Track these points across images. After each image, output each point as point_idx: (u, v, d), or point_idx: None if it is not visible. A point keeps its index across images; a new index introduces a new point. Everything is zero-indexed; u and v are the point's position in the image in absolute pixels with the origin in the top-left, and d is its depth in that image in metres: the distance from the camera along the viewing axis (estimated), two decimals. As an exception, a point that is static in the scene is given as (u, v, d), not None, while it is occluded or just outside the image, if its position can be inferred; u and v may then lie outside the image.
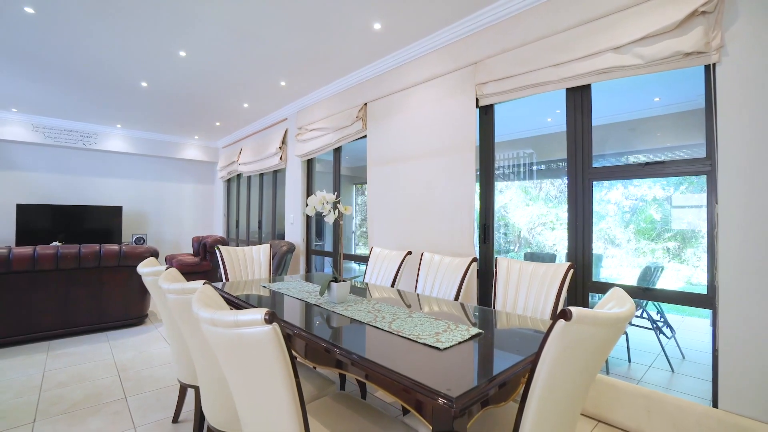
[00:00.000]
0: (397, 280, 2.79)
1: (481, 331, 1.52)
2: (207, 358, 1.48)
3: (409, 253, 2.85)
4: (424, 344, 1.37)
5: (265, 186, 6.31)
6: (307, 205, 2.13)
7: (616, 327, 1.05)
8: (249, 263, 3.14)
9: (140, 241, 6.85)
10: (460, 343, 1.38)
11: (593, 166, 2.49)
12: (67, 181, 6.61)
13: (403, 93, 3.63)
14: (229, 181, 7.66)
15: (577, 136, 2.56)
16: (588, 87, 2.52)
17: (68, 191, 6.61)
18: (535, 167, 6.99)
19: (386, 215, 3.75)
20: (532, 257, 6.09)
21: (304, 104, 5.01)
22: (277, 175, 5.94)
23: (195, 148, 7.74)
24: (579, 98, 2.55)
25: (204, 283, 1.32)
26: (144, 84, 4.62)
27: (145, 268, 1.90)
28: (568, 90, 2.57)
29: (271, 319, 0.95)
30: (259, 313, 0.94)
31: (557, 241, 7.00)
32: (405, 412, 2.08)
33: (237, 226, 7.24)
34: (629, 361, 3.37)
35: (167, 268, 1.74)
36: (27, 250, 3.49)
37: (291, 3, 2.85)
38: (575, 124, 2.57)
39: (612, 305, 1.17)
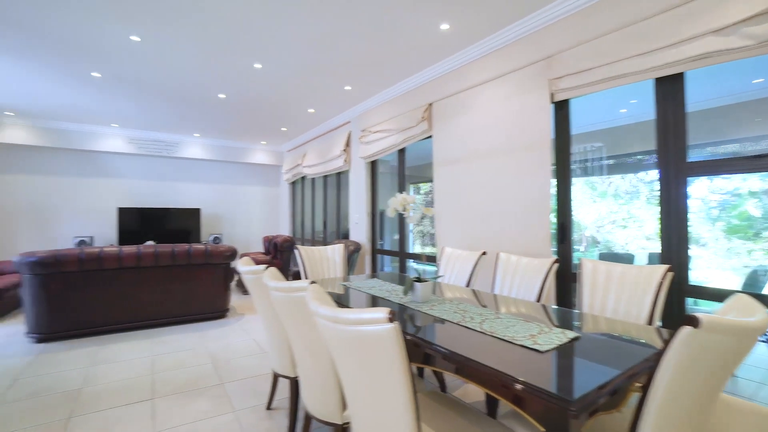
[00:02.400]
0: (471, 281, 2.79)
1: (578, 335, 1.49)
2: (310, 352, 1.61)
3: (484, 253, 2.84)
4: (522, 346, 1.37)
5: (329, 187, 6.56)
6: (387, 206, 2.21)
7: (749, 337, 0.99)
8: (325, 262, 3.31)
9: (217, 240, 7.44)
10: (559, 346, 1.37)
11: (688, 160, 2.32)
12: (154, 186, 7.35)
13: (470, 92, 3.61)
14: (293, 183, 8.06)
15: (668, 129, 2.39)
16: (680, 75, 2.34)
17: (156, 195, 7.34)
18: (604, 162, 6.59)
19: (454, 215, 3.75)
20: (609, 258, 5.76)
21: (367, 107, 5.14)
22: (340, 176, 6.16)
23: (262, 152, 8.23)
24: (669, 88, 2.38)
25: (311, 283, 1.44)
26: (222, 96, 5.01)
27: (244, 267, 2.09)
28: (657, 80, 2.42)
29: (393, 318, 1.02)
30: (381, 313, 1.02)
31: (630, 239, 6.54)
32: (489, 412, 2.09)
33: (302, 226, 7.60)
34: (736, 376, 3.08)
35: (266, 268, 1.90)
36: (132, 248, 3.95)
37: (364, 13, 2.95)
38: (665, 115, 2.41)
39: (737, 313, 1.11)
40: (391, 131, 4.55)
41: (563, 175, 2.93)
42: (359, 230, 5.34)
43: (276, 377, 2.39)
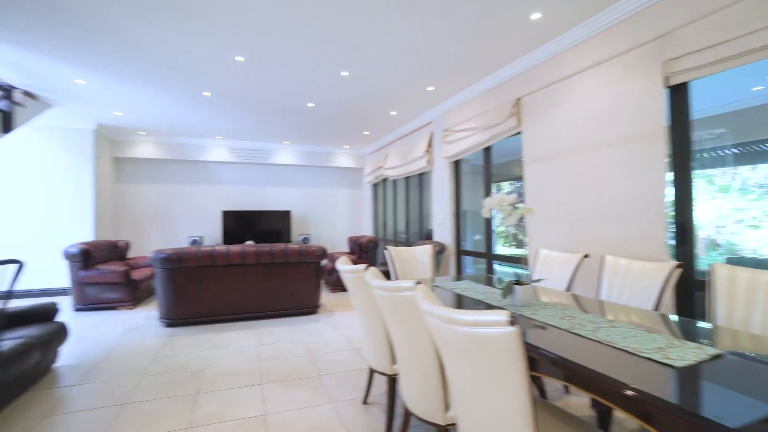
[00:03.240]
0: (571, 285, 2.60)
1: (720, 351, 1.30)
2: (414, 351, 1.63)
3: (586, 255, 2.63)
4: (649, 359, 1.24)
5: (410, 188, 6.62)
6: (483, 206, 2.16)
7: None
8: (413, 262, 3.34)
9: (306, 240, 7.95)
10: (698, 363, 1.21)
11: None
12: (251, 191, 8.10)
13: (565, 82, 3.37)
14: (375, 185, 8.28)
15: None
16: None
17: (252, 199, 8.09)
18: (727, 150, 5.70)
19: (547, 215, 3.54)
20: (741, 263, 4.99)
21: (449, 106, 5.09)
22: (422, 177, 6.18)
23: (345, 156, 8.60)
24: (832, 60, 1.97)
25: (417, 283, 1.46)
26: (310, 105, 5.34)
27: (344, 266, 2.20)
28: (812, 52, 2.02)
29: (514, 321, 0.99)
30: (501, 315, 1.00)
31: (763, 242, 5.58)
32: (601, 425, 1.93)
33: (384, 227, 7.78)
34: None
35: (367, 267, 1.98)
36: (238, 247, 4.39)
37: (451, 14, 2.93)
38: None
39: None
40: (476, 129, 4.44)
41: (682, 168, 2.59)
42: (443, 231, 5.30)
43: (372, 373, 2.47)
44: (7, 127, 4.47)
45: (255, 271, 4.45)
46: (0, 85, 4.36)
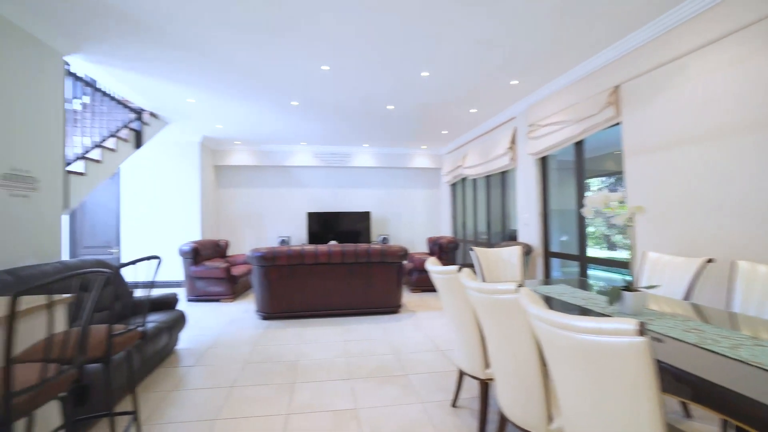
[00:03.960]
0: (690, 293, 2.29)
1: None
2: (513, 356, 1.56)
3: (710, 260, 2.29)
4: (817, 385, 1.03)
5: (492, 187, 6.40)
6: (583, 205, 1.99)
7: None
8: (500, 264, 3.22)
9: (385, 240, 8.11)
10: None
11: None
12: (332, 193, 8.49)
13: (674, 64, 2.98)
14: (454, 185, 8.16)
15: None
16: None
17: (333, 201, 8.47)
18: None
19: (657, 214, 3.15)
20: None
21: (535, 99, 4.81)
22: (505, 175, 5.93)
23: (422, 157, 8.61)
24: None
25: (519, 286, 1.40)
26: (390, 107, 5.43)
27: (434, 267, 2.19)
28: None
29: (643, 331, 0.89)
30: (628, 324, 0.91)
31: None
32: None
33: (464, 227, 7.62)
34: None
35: (460, 269, 1.95)
36: (324, 247, 4.62)
37: (536, 3, 2.76)
38: None
39: None
40: (566, 122, 4.13)
41: (843, 155, 2.13)
42: (529, 231, 5.02)
43: (462, 375, 2.43)
44: (138, 143, 5.25)
45: (340, 270, 4.65)
46: (133, 108, 5.14)
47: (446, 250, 6.00)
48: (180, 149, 6.96)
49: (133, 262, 1.67)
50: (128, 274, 3.07)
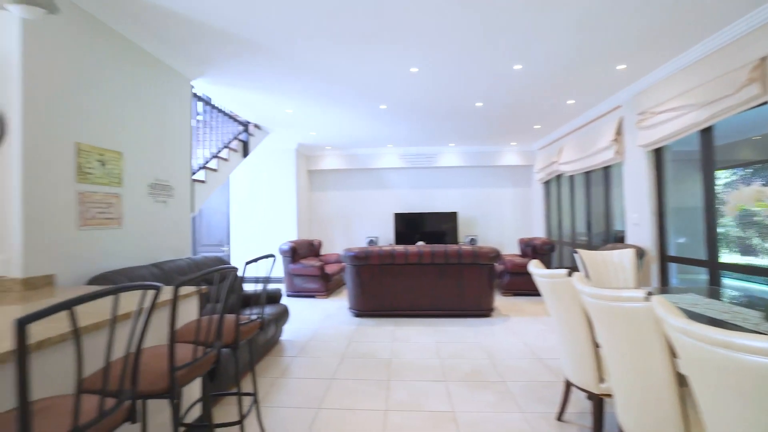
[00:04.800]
0: None
1: None
2: (639, 370, 1.40)
3: None
4: None
5: (592, 184, 5.84)
6: (727, 202, 1.70)
7: None
8: (610, 268, 2.92)
9: (473, 241, 7.91)
10: None
11: None
12: (419, 194, 8.52)
13: None
14: (547, 182, 7.64)
15: None
16: None
17: (420, 202, 8.50)
18: None
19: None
20: None
21: (646, 84, 4.27)
22: (608, 170, 5.37)
23: (512, 154, 8.21)
24: None
25: (649, 293, 1.24)
26: (479, 104, 5.27)
27: (539, 269, 2.06)
28: None
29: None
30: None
31: None
32: None
33: (559, 228, 7.08)
34: None
35: (570, 272, 1.80)
36: (414, 248, 4.66)
37: (661, -32, 2.44)
38: None
39: None
40: (688, 107, 3.59)
41: None
42: (640, 232, 4.47)
43: (569, 387, 2.25)
44: (246, 153, 5.86)
45: (430, 271, 4.64)
46: (240, 121, 5.76)
47: (541, 252, 5.63)
48: (278, 156, 7.59)
49: (255, 260, 1.85)
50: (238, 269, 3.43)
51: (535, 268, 2.10)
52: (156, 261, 3.25)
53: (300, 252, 6.40)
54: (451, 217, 8.13)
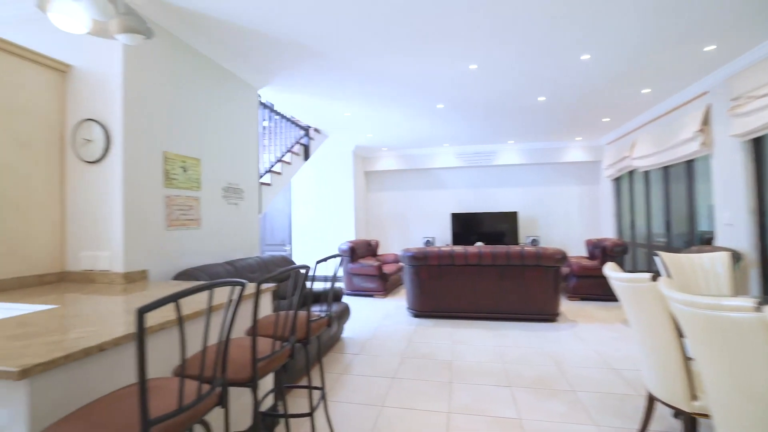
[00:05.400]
0: None
1: None
2: (744, 390, 1.25)
3: None
4: None
5: (672, 180, 5.31)
6: None
7: None
8: (699, 274, 2.63)
9: (535, 242, 7.57)
10: None
11: None
12: (476, 194, 8.33)
13: None
14: (618, 179, 7.09)
15: None
16: None
17: (478, 201, 8.30)
18: None
19: None
20: None
21: (741, 65, 3.80)
22: (692, 164, 4.85)
23: (577, 149, 7.73)
24: None
25: (759, 302, 1.11)
26: (541, 99, 5.02)
27: (616, 273, 1.92)
28: None
29: None
30: None
31: None
32: None
33: (632, 228, 6.53)
34: None
35: (654, 277, 1.66)
36: (474, 249, 4.56)
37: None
38: None
39: None
40: (797, 90, 3.13)
41: None
42: (733, 234, 3.99)
43: (652, 402, 2.07)
44: (307, 156, 6.11)
45: (490, 272, 4.52)
46: (302, 126, 6.02)
47: (611, 254, 5.24)
48: (336, 158, 7.81)
49: (325, 260, 1.93)
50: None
51: (611, 271, 1.95)
52: (229, 259, 3.50)
53: (358, 252, 6.54)
54: (510, 217, 7.84)
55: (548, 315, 4.44)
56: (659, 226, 5.61)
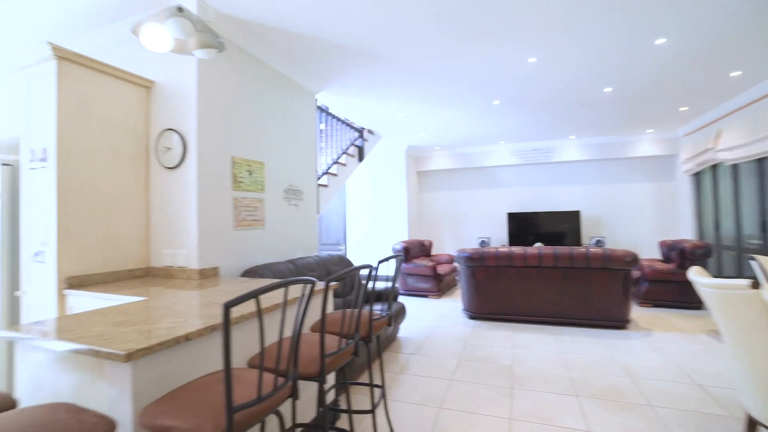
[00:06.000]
0: None
1: None
2: None
3: None
4: None
5: (767, 175, 4.71)
6: None
7: None
8: (805, 280, 2.30)
9: (600, 243, 7.08)
10: None
11: None
12: (534, 192, 7.97)
13: None
14: (697, 174, 6.42)
15: None
16: None
17: (535, 200, 7.94)
18: None
19: None
20: None
21: None
22: (793, 156, 4.26)
23: (648, 143, 7.12)
24: None
25: None
26: (607, 90, 4.69)
27: (703, 278, 1.74)
28: None
29: None
30: None
31: None
32: None
33: (716, 229, 5.88)
34: None
35: (754, 284, 1.48)
36: (534, 250, 4.37)
37: None
38: None
39: None
40: None
41: None
42: None
43: (753, 425, 1.84)
44: (361, 157, 6.23)
45: (552, 275, 4.30)
46: (356, 128, 6.14)
47: (691, 257, 4.75)
48: (388, 159, 7.87)
49: (387, 260, 1.95)
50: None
51: (698, 276, 1.77)
52: (290, 258, 3.66)
53: (412, 252, 6.54)
54: (572, 217, 7.41)
55: (617, 322, 4.13)
56: (752, 227, 5.00)
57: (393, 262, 6.16)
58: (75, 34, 3.06)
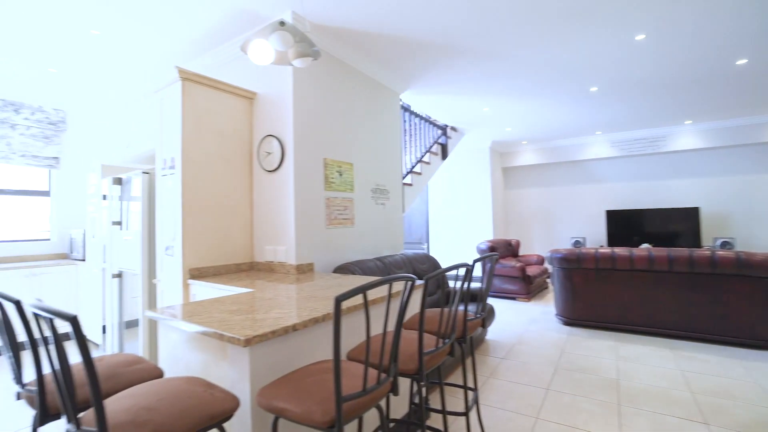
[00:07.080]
0: None
1: None
2: None
3: None
4: None
5: None
6: None
7: None
8: None
9: (726, 245, 6.05)
10: None
11: None
12: (639, 187, 7.10)
13: None
14: None
15: None
16: None
17: (640, 196, 7.07)
18: None
19: None
20: None
21: None
22: None
23: (794, 124, 5.89)
24: None
25: None
26: (741, 62, 3.97)
27: None
28: None
29: None
30: None
31: None
32: None
33: None
34: None
35: None
36: (644, 251, 3.88)
37: None
38: None
39: None
40: None
41: None
42: None
43: None
44: (444, 155, 6.14)
45: (667, 281, 3.77)
46: (439, 125, 6.06)
47: None
48: (472, 156, 7.64)
49: (480, 260, 1.88)
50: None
51: None
52: (378, 255, 3.74)
53: (498, 252, 6.26)
54: (689, 214, 6.44)
55: (758, 340, 3.47)
56: None
57: (489, 261, 5.97)
58: (192, 58, 3.50)
